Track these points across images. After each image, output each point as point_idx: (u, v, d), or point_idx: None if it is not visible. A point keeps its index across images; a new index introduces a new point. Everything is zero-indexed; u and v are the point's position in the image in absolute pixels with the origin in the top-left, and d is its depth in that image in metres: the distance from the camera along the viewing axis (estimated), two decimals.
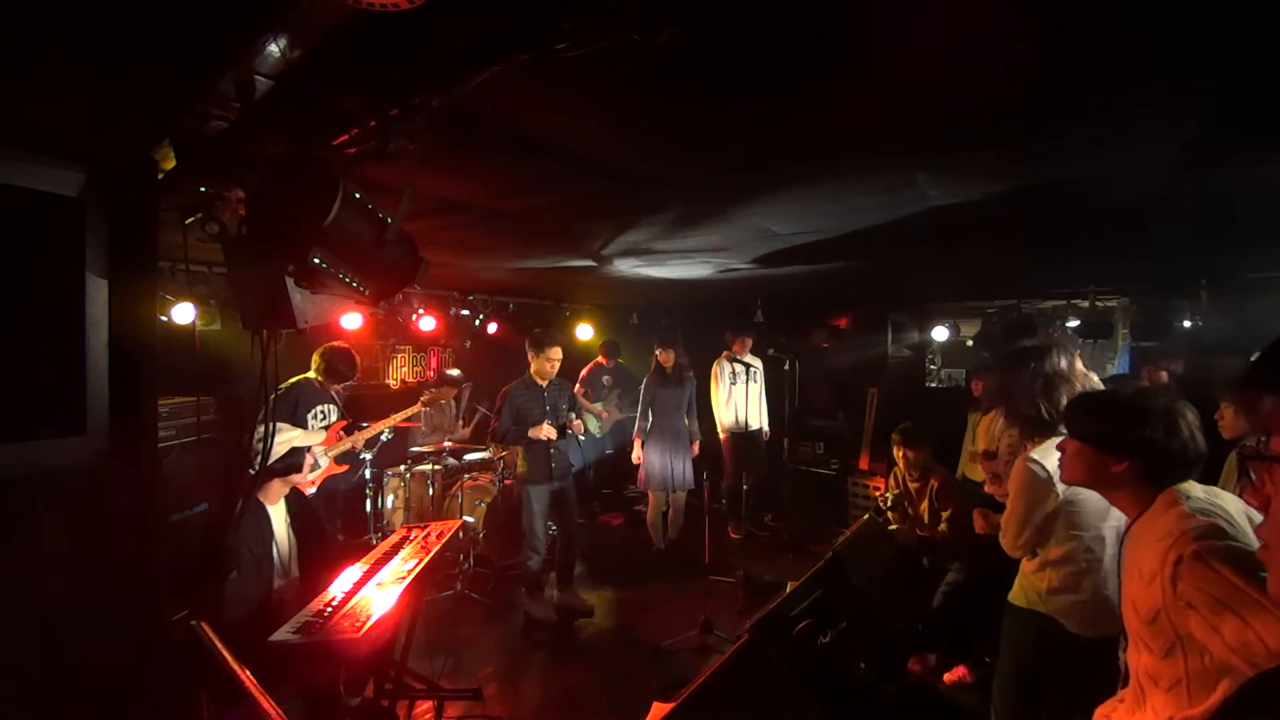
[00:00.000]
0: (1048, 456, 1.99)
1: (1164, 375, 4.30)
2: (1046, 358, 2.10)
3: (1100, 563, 1.97)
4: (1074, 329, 5.19)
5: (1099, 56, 1.36)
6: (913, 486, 3.69)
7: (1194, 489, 1.37)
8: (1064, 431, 2.02)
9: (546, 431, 4.06)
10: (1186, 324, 4.79)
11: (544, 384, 4.19)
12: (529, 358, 4.19)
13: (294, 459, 2.71)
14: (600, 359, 6.34)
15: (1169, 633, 1.24)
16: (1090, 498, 1.98)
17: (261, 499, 2.67)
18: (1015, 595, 2.14)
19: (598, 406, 6.28)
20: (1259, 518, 0.92)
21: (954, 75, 1.45)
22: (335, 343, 4.10)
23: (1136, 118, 1.72)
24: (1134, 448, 1.42)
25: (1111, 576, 1.93)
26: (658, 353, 5.24)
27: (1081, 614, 1.95)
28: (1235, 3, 1.15)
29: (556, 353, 4.16)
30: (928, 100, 1.60)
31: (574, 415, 4.24)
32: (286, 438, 2.79)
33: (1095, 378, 2.14)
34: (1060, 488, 1.96)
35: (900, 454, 3.70)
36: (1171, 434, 1.40)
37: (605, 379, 6.38)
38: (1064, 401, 2.02)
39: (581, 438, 4.33)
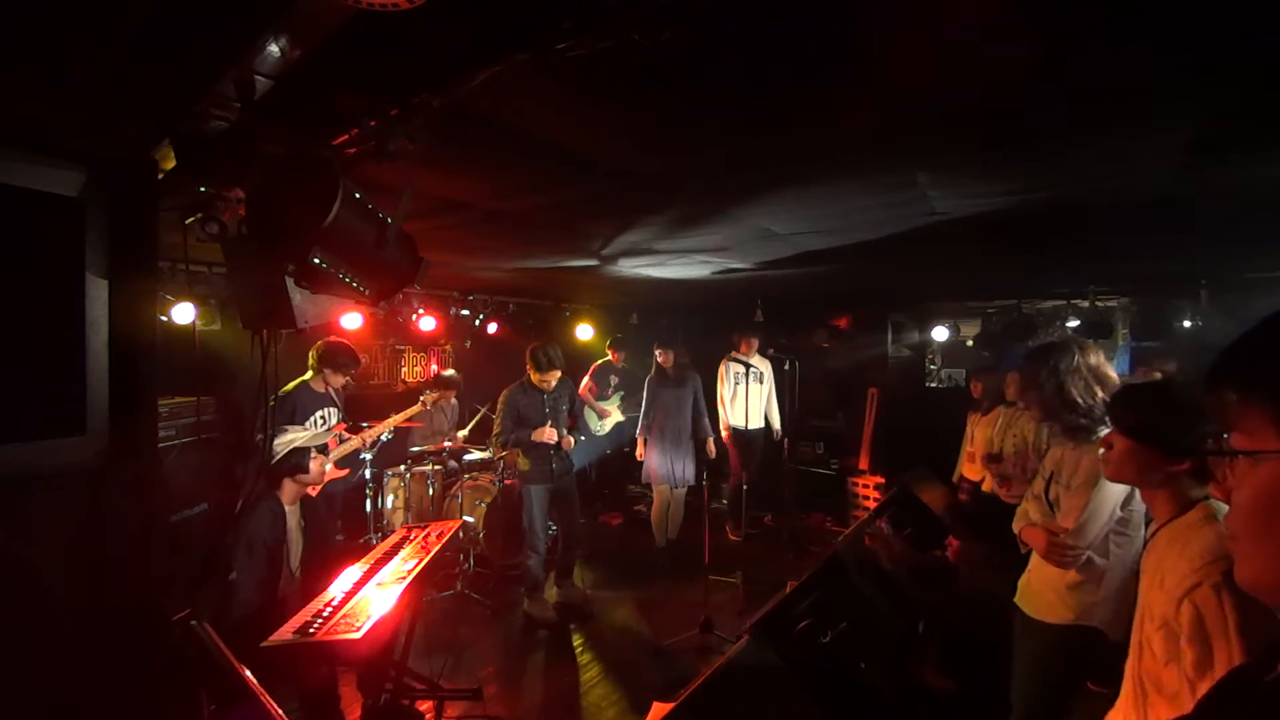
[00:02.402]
0: None
1: (1157, 376, 4.30)
2: (1086, 351, 2.02)
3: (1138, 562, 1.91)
4: (1074, 329, 5.18)
5: (1099, 57, 1.36)
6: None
7: None
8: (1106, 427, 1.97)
9: (549, 434, 4.06)
10: (1186, 324, 4.79)
11: (544, 389, 4.19)
12: (527, 368, 4.18)
13: (297, 459, 2.70)
14: (611, 357, 6.33)
15: (1173, 642, 1.24)
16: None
17: (279, 497, 2.68)
18: (1049, 611, 2.00)
19: (601, 405, 6.28)
20: None
21: (954, 75, 1.45)
22: (330, 337, 4.06)
23: (1137, 118, 1.72)
24: (1197, 446, 1.34)
25: None
26: (657, 353, 5.21)
27: (1128, 617, 1.89)
28: (1235, 3, 1.15)
29: (554, 375, 4.14)
30: (928, 100, 1.60)
31: (565, 432, 4.24)
32: (289, 439, 2.79)
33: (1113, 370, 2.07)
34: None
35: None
36: None
37: (613, 378, 6.36)
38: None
39: (574, 443, 4.32)
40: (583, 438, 4.49)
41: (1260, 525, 0.67)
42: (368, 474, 4.56)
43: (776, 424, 5.79)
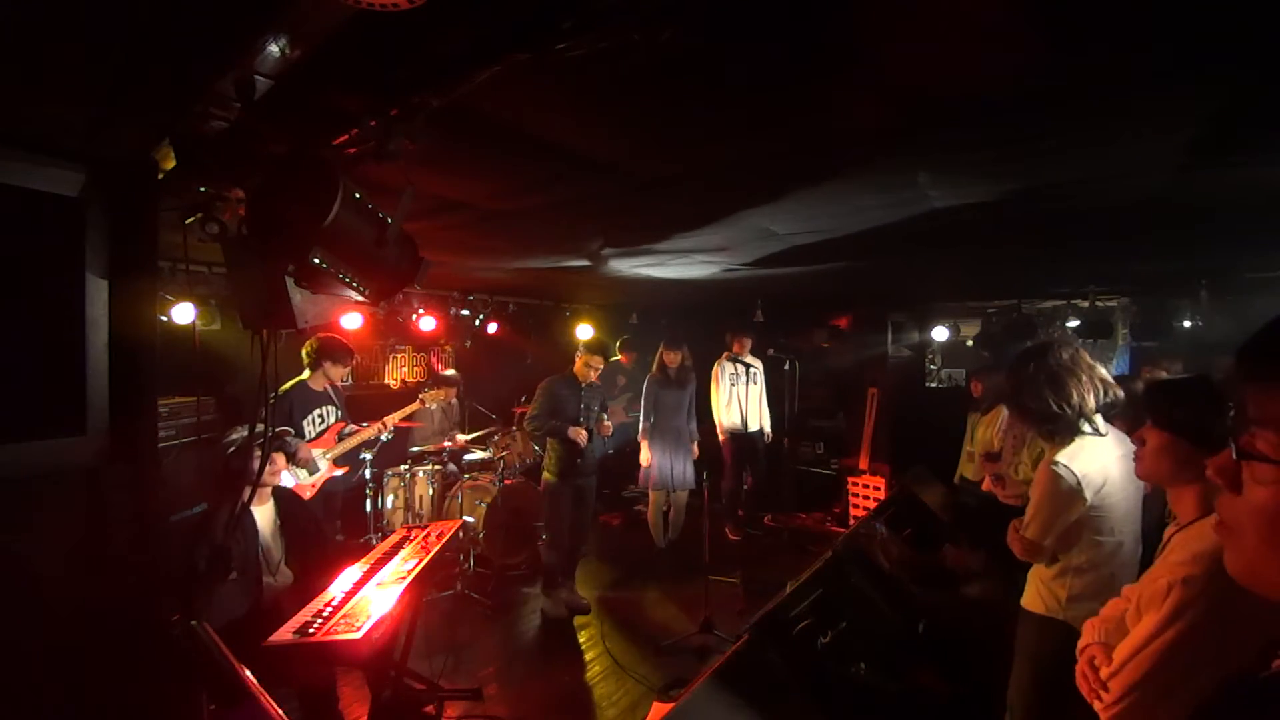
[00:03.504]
0: (1075, 459, 1.90)
1: (1163, 375, 4.30)
2: (1049, 353, 2.03)
3: (1124, 568, 1.89)
4: (1074, 329, 5.19)
5: (1098, 57, 1.36)
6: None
7: None
8: (1087, 429, 1.96)
9: (581, 435, 4.08)
10: (1186, 324, 4.79)
11: (583, 383, 4.22)
12: (576, 355, 4.25)
13: (240, 463, 2.59)
14: (620, 358, 6.30)
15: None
16: (1119, 502, 1.90)
17: (241, 500, 2.65)
18: (1031, 601, 2.04)
19: (609, 405, 6.28)
20: None
21: (954, 76, 1.45)
22: (321, 333, 4.04)
23: (1136, 117, 1.72)
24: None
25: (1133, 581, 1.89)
26: (667, 354, 5.19)
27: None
28: (1235, 5, 1.15)
29: (598, 361, 4.21)
30: (928, 100, 1.59)
31: (605, 417, 4.25)
32: (233, 438, 2.73)
33: (1103, 369, 2.05)
34: (1089, 493, 1.87)
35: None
36: None
37: (620, 379, 6.34)
38: (1075, 395, 1.95)
39: (606, 438, 4.34)
40: (606, 438, 4.49)
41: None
42: (368, 474, 4.56)
43: (767, 425, 5.76)
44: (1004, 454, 3.48)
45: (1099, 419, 2.00)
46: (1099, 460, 1.91)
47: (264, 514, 2.73)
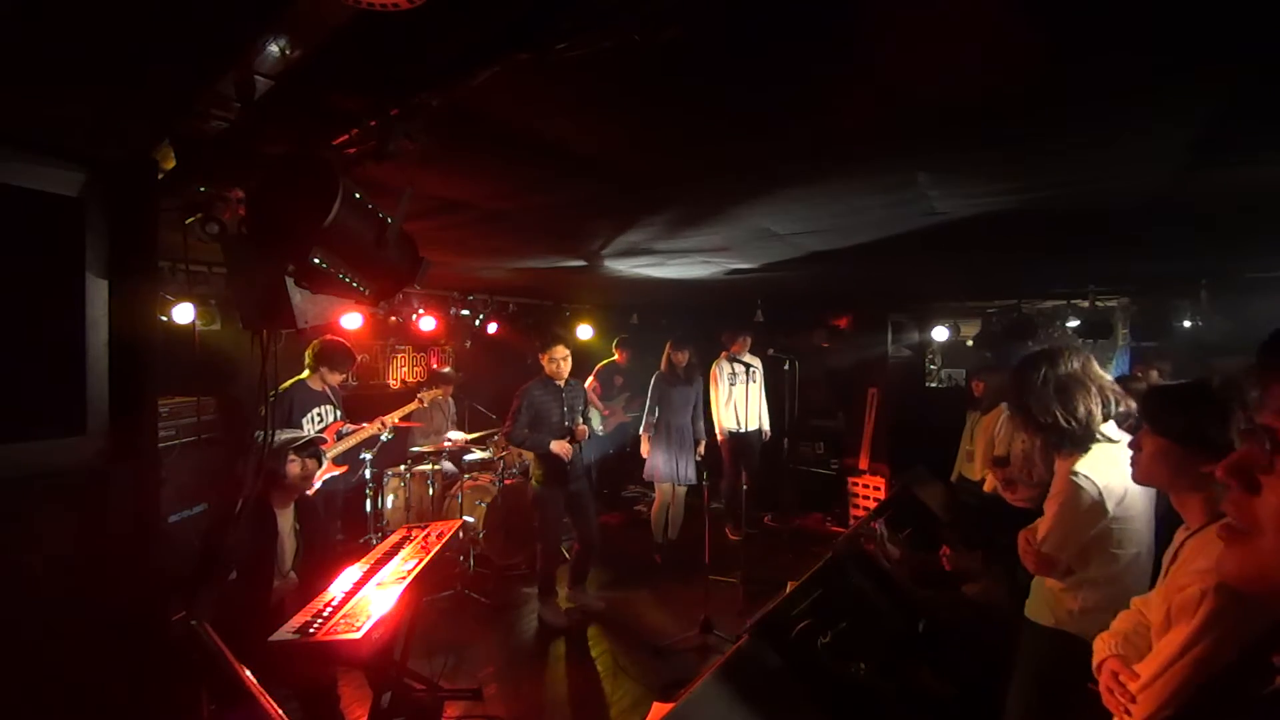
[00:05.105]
0: (1095, 469, 1.83)
1: (1155, 374, 4.30)
2: (1057, 361, 1.95)
3: (1138, 580, 1.83)
4: (1074, 329, 5.18)
5: (1098, 57, 1.36)
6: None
7: None
8: (1101, 436, 1.91)
9: (565, 450, 4.03)
10: (1186, 324, 4.79)
11: (561, 384, 4.18)
12: (541, 360, 4.19)
13: (273, 464, 2.64)
14: (616, 357, 6.32)
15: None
16: (1139, 513, 1.85)
17: (270, 502, 2.66)
18: (1038, 612, 1.99)
19: (606, 404, 6.29)
20: None
21: (953, 75, 1.45)
22: (325, 336, 4.05)
23: (1136, 117, 1.72)
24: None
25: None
26: (674, 353, 5.22)
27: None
28: (1236, 4, 1.15)
29: (561, 352, 4.12)
30: (927, 100, 1.60)
31: (580, 420, 4.23)
32: (285, 438, 2.79)
33: (1110, 379, 1.98)
34: (1111, 505, 1.81)
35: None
36: None
37: (618, 379, 6.36)
38: (1082, 408, 1.89)
39: (583, 441, 4.31)
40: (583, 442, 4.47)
41: None
42: (368, 474, 4.56)
43: (765, 425, 5.77)
44: (1013, 459, 3.47)
45: (1111, 426, 1.93)
46: (1119, 469, 1.82)
47: (285, 516, 2.74)
